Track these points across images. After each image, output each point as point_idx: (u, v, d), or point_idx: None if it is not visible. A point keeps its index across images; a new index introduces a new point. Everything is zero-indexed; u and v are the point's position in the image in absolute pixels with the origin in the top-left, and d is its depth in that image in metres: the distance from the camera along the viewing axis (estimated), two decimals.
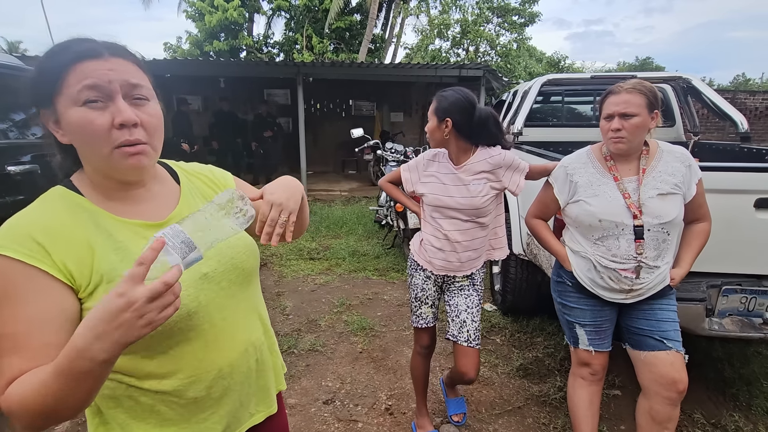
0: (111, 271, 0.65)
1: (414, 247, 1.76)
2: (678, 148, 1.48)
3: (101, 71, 0.63)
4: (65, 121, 0.65)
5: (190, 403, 0.74)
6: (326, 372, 2.41)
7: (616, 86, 1.42)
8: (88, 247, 0.65)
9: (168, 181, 0.81)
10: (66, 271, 0.63)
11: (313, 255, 4.44)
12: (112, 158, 0.65)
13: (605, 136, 1.44)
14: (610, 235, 1.43)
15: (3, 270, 0.60)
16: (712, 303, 1.85)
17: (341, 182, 8.81)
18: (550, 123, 4.48)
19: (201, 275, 0.73)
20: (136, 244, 0.68)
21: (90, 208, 0.69)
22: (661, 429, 1.48)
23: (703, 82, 3.56)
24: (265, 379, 0.88)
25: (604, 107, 1.43)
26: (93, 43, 0.65)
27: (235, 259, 0.79)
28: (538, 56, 17.46)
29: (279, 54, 14.53)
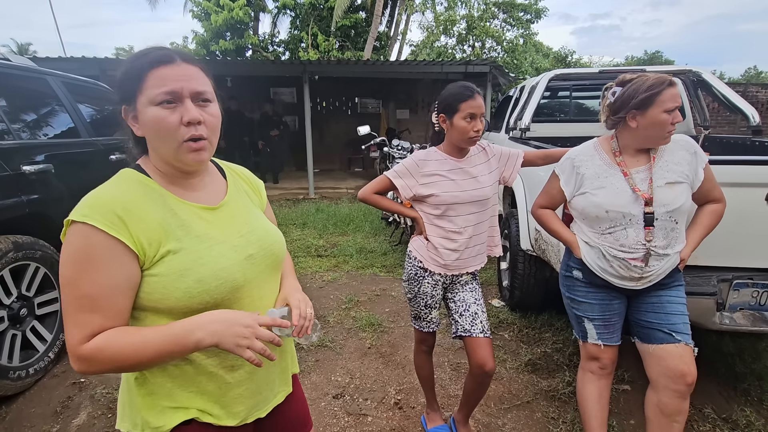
0: (176, 244, 0.77)
1: (420, 254, 1.64)
2: (682, 136, 1.48)
3: (175, 77, 0.75)
4: (142, 117, 0.76)
5: (229, 373, 0.84)
6: (335, 367, 2.43)
7: (670, 78, 1.37)
8: (158, 223, 0.76)
9: (216, 174, 0.93)
10: (139, 243, 0.73)
11: (320, 252, 4.46)
12: (179, 150, 0.77)
13: (664, 129, 1.37)
14: (617, 225, 1.43)
15: (89, 237, 0.70)
16: (723, 297, 1.84)
17: (348, 180, 8.84)
18: (557, 118, 4.45)
19: (247, 255, 0.85)
20: (196, 223, 0.81)
21: (158, 189, 0.80)
22: (670, 422, 1.47)
23: (713, 75, 3.52)
24: (285, 361, 0.99)
25: (663, 99, 1.35)
26: (167, 50, 0.77)
27: (273, 246, 0.91)
28: (544, 51, 17.30)
29: (285, 53, 14.55)
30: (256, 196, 1.00)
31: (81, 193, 0.77)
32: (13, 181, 2.23)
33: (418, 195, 1.60)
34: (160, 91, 0.74)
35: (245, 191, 0.97)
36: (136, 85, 0.75)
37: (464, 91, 1.50)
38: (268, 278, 0.90)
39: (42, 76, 2.85)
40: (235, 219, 0.88)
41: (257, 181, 1.04)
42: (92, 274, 0.70)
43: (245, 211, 0.92)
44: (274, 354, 0.81)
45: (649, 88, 1.36)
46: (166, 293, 0.75)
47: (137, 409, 0.82)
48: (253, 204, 0.96)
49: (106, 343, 0.70)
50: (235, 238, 0.84)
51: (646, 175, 1.42)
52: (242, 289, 0.82)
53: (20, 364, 2.17)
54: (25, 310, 2.28)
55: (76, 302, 0.71)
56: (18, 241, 2.20)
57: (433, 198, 1.57)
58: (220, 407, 0.84)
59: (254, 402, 0.89)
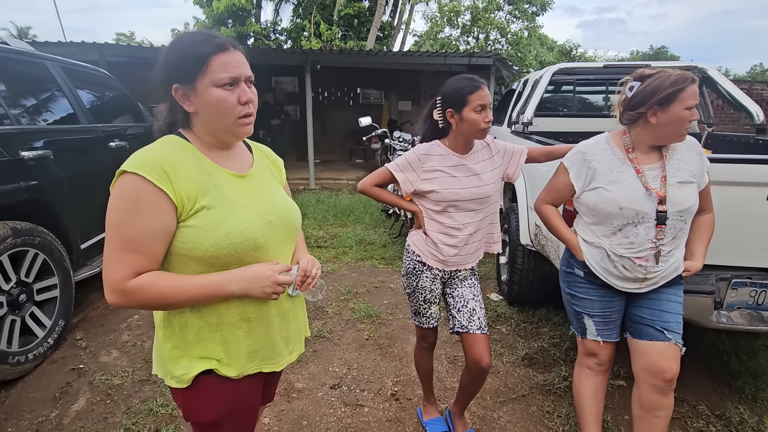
0: (210, 201, 0.88)
1: (418, 248, 1.64)
2: (690, 138, 1.46)
3: (234, 64, 0.87)
4: (204, 97, 0.86)
5: (246, 323, 0.96)
6: (333, 358, 2.44)
7: (692, 75, 1.35)
8: (196, 181, 0.87)
9: (244, 149, 1.05)
10: (179, 196, 0.84)
11: (320, 243, 4.47)
12: (234, 125, 0.90)
13: (683, 126, 1.35)
14: (629, 223, 1.41)
15: (139, 185, 0.81)
16: (721, 296, 1.84)
17: (348, 171, 8.81)
18: (560, 113, 4.42)
19: (267, 221, 0.96)
20: (227, 187, 0.92)
21: (197, 153, 0.92)
22: (652, 417, 1.48)
23: (718, 71, 3.49)
24: (298, 323, 1.12)
25: (686, 96, 1.32)
26: (223, 38, 0.88)
27: (290, 217, 1.04)
28: (549, 45, 17.15)
29: (287, 41, 14.41)
30: (277, 171, 1.12)
31: (81, 180, 0.81)
32: (12, 167, 2.22)
33: (418, 190, 1.58)
34: (224, 76, 0.85)
35: (268, 167, 1.09)
36: (199, 68, 0.84)
37: (471, 82, 1.47)
38: (284, 244, 1.02)
39: (41, 60, 2.82)
40: (259, 188, 0.99)
41: (277, 159, 1.16)
42: (139, 219, 0.81)
43: (268, 183, 1.03)
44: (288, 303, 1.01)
45: (674, 84, 1.33)
46: (198, 243, 0.86)
47: (165, 360, 0.95)
48: (274, 178, 1.08)
49: (149, 283, 0.83)
50: (259, 205, 0.96)
51: (658, 173, 1.40)
52: (262, 249, 0.94)
53: (19, 350, 2.18)
54: (24, 296, 2.28)
55: (122, 242, 0.82)
56: (17, 227, 2.19)
57: (433, 194, 1.55)
58: (237, 355, 0.95)
59: (267, 353, 1.01)
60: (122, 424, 1.89)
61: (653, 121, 1.37)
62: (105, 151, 3.06)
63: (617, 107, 1.48)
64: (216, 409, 0.95)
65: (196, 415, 0.97)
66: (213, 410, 0.95)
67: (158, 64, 0.88)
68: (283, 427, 1.92)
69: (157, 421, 1.91)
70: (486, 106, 1.46)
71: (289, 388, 2.16)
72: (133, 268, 0.82)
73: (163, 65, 0.88)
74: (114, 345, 2.53)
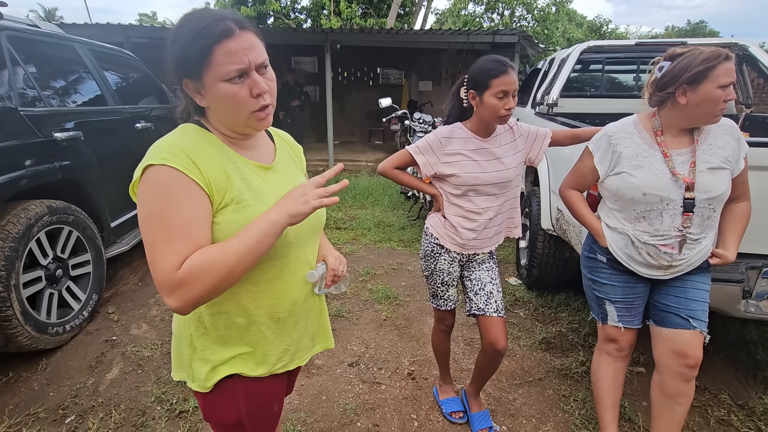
0: (239, 195, 0.82)
1: (437, 231, 1.64)
2: (727, 120, 1.39)
3: (240, 53, 0.76)
4: (212, 92, 0.79)
5: (276, 324, 0.92)
6: (351, 337, 2.50)
7: (726, 52, 1.27)
8: (224, 173, 0.81)
9: (265, 137, 0.98)
10: (209, 186, 0.78)
11: (339, 225, 4.51)
12: (249, 119, 0.82)
13: (716, 106, 1.28)
14: (653, 209, 1.37)
15: (169, 176, 0.75)
16: (750, 285, 1.78)
17: (367, 152, 8.78)
18: (588, 93, 4.27)
19: None
20: (254, 179, 0.86)
21: (220, 143, 0.85)
22: (673, 404, 1.47)
23: (760, 48, 3.28)
24: (324, 318, 1.10)
25: (718, 74, 1.26)
26: (226, 22, 0.76)
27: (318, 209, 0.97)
28: (578, 21, 16.43)
29: (306, 20, 14.26)
30: (299, 159, 1.07)
31: (110, 160, 0.81)
32: (46, 147, 2.31)
33: (439, 173, 1.57)
34: (230, 69, 0.76)
35: (290, 155, 1.03)
36: (203, 63, 0.76)
37: (498, 66, 1.42)
38: (312, 238, 0.97)
39: (70, 43, 2.89)
40: (286, 179, 0.93)
41: (298, 146, 1.09)
42: (179, 206, 0.74)
43: (293, 174, 0.98)
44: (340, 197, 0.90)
45: (704, 61, 1.26)
46: None
47: (187, 363, 0.91)
48: (297, 167, 1.03)
49: (196, 260, 0.73)
50: None
51: (688, 158, 1.35)
52: (291, 246, 0.89)
53: (57, 321, 2.32)
54: (61, 271, 2.41)
55: (165, 233, 0.74)
56: (52, 205, 2.30)
57: (454, 178, 1.54)
58: (265, 356, 0.92)
59: (296, 349, 0.98)
60: (153, 392, 2.00)
61: (683, 101, 1.31)
62: (131, 132, 3.15)
63: (647, 88, 1.42)
64: (239, 411, 0.91)
65: (217, 417, 0.93)
66: (236, 412, 0.91)
67: (166, 55, 0.80)
68: (303, 401, 1.99)
69: (185, 391, 2.01)
70: (509, 93, 1.42)
71: (309, 365, 2.23)
72: (180, 256, 0.73)
73: (170, 59, 0.80)
74: (143, 319, 2.66)
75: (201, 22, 0.76)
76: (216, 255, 0.74)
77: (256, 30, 0.82)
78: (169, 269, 0.73)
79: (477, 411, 1.85)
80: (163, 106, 3.77)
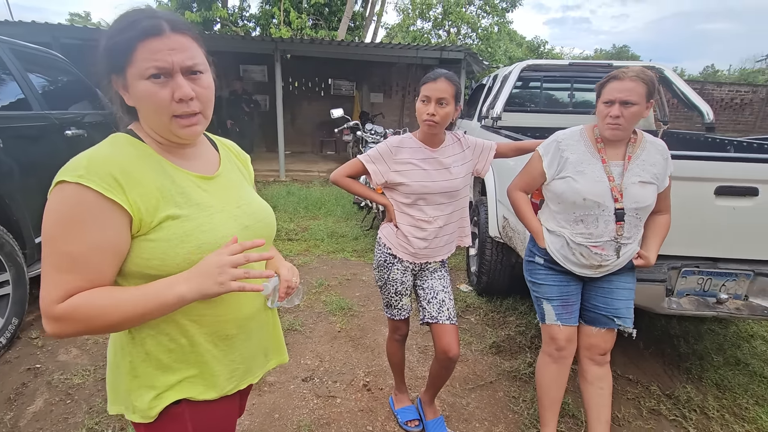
0: (176, 211, 0.76)
1: (389, 241, 1.65)
2: (659, 141, 1.55)
3: (164, 52, 0.72)
4: (133, 90, 0.74)
5: (224, 341, 0.86)
6: (305, 350, 2.44)
7: (620, 72, 1.42)
8: (156, 188, 0.75)
9: (208, 145, 0.93)
10: (135, 207, 0.72)
11: (291, 236, 4.42)
12: (171, 125, 0.76)
13: (602, 120, 1.46)
14: (590, 214, 1.49)
15: (79, 198, 0.68)
16: (672, 284, 1.97)
17: (319, 163, 8.71)
18: (528, 108, 4.54)
19: (244, 226, 0.86)
20: (195, 191, 0.81)
21: (153, 154, 0.79)
22: (596, 389, 1.64)
23: (674, 72, 3.68)
24: (277, 332, 1.04)
25: (606, 92, 1.44)
26: (156, 19, 0.73)
27: (266, 219, 0.94)
28: (518, 41, 17.50)
29: (255, 28, 13.99)
30: (246, 169, 1.01)
31: (34, 170, 0.74)
32: None
33: (389, 182, 1.59)
34: (149, 66, 0.71)
35: (236, 164, 0.97)
36: (125, 57, 0.72)
37: (431, 74, 1.50)
38: (261, 250, 0.91)
39: None
40: (231, 190, 0.89)
41: (245, 155, 1.04)
42: (76, 233, 0.68)
43: (238, 184, 0.92)
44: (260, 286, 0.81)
45: (603, 80, 1.46)
46: (166, 259, 0.74)
47: (125, 393, 0.83)
48: (243, 177, 0.97)
49: (82, 302, 0.68)
50: (233, 209, 0.86)
51: (620, 170, 1.49)
52: None
53: None
54: None
55: (56, 260, 0.68)
56: None
57: (404, 187, 1.57)
58: (215, 377, 0.85)
59: (246, 368, 0.93)
60: (84, 424, 1.83)
61: (596, 111, 1.50)
62: (60, 140, 2.90)
63: None
64: None
65: None
66: None
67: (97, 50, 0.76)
68: (255, 421, 1.91)
69: (123, 420, 1.85)
70: (431, 99, 1.46)
71: (260, 382, 2.15)
72: (64, 290, 0.68)
73: (99, 53, 0.76)
74: (73, 342, 2.42)
75: (132, 18, 0.73)
76: (104, 306, 0.69)
77: (196, 36, 0.78)
78: (51, 300, 0.68)
79: (432, 418, 1.87)
80: (98, 112, 3.52)
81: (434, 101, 1.47)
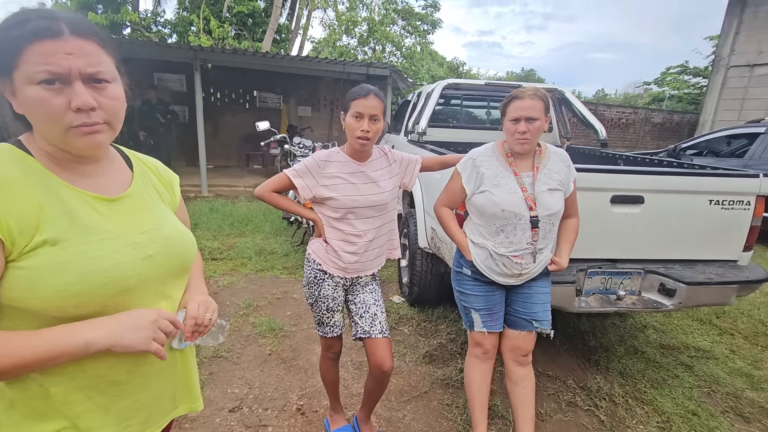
0: (58, 234, 0.66)
1: (319, 257, 1.63)
2: (561, 151, 1.71)
3: (60, 56, 0.64)
4: (20, 96, 0.66)
5: (114, 387, 0.75)
6: (232, 378, 2.28)
7: (519, 92, 1.56)
8: (36, 207, 0.66)
9: (120, 162, 0.83)
10: (6, 227, 0.63)
11: (215, 255, 4.15)
12: (67, 136, 0.67)
13: (512, 137, 1.58)
14: (509, 224, 1.60)
15: None
16: (581, 284, 2.17)
17: (246, 177, 8.35)
18: (450, 124, 4.80)
19: (147, 255, 0.75)
20: (87, 213, 0.71)
21: (41, 170, 0.69)
22: (520, 388, 1.74)
23: (573, 94, 4.14)
24: (189, 375, 0.91)
25: (510, 111, 1.57)
26: (52, 21, 0.64)
27: (180, 248, 0.83)
28: (439, 60, 18.52)
29: (172, 35, 13.18)
30: (168, 191, 0.91)
31: None
32: None
33: (318, 196, 1.57)
34: (39, 70, 0.63)
35: (154, 185, 0.87)
36: (10, 59, 0.63)
37: (359, 90, 1.50)
38: (169, 283, 0.82)
39: None
40: (139, 214, 0.79)
41: (170, 176, 0.94)
42: None
43: (151, 207, 0.83)
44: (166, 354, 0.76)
45: (505, 100, 1.59)
46: (32, 291, 0.64)
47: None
48: (161, 200, 0.88)
49: None
50: (136, 235, 0.76)
51: (531, 180, 1.61)
52: (133, 293, 0.73)
53: None
54: None
55: None
56: None
57: (332, 201, 1.55)
58: (98, 429, 0.74)
59: (148, 415, 0.81)
60: None
61: (503, 129, 1.62)
62: None
63: None
64: None
65: None
66: None
67: None
68: None
69: None
70: (363, 115, 1.48)
71: (180, 419, 1.96)
72: None
73: None
74: None
75: (22, 17, 0.65)
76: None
77: (103, 42, 0.70)
78: None
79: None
80: None
81: (367, 117, 1.49)
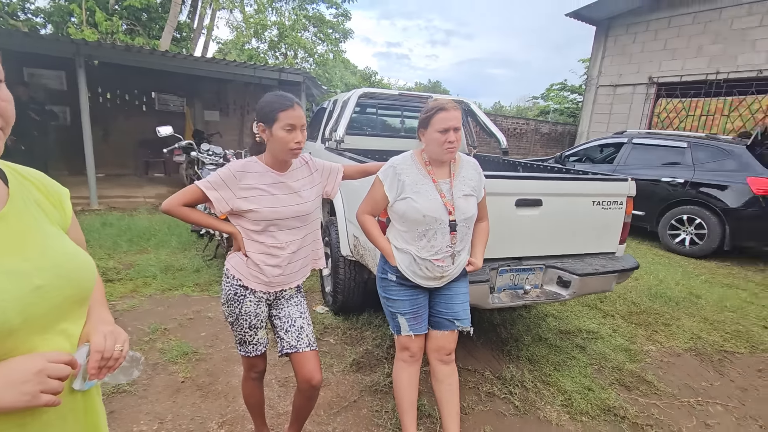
0: None
1: (239, 272, 1.54)
2: (472, 159, 1.84)
3: None
4: None
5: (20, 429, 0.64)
6: (138, 415, 2.03)
7: (443, 103, 1.64)
8: None
9: None
10: None
11: (110, 276, 3.67)
12: None
13: (440, 147, 1.63)
14: (430, 229, 1.67)
15: None
16: (493, 282, 2.35)
17: (145, 187, 7.56)
18: (367, 132, 4.88)
19: (35, 287, 0.65)
20: None
21: None
22: (445, 386, 1.82)
23: (476, 105, 4.49)
24: (93, 417, 0.80)
25: (436, 122, 1.62)
26: None
27: (76, 274, 0.73)
28: (352, 69, 18.78)
29: (46, 25, 11.46)
30: (56, 209, 0.80)
31: None
32: None
33: (235, 209, 1.48)
34: None
35: (37, 202, 0.76)
36: None
37: (284, 100, 1.45)
38: (65, 317, 0.71)
39: None
40: (19, 238, 0.67)
41: (59, 190, 0.82)
42: None
43: (35, 228, 0.71)
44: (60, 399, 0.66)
45: (428, 111, 1.67)
46: None
47: None
48: (48, 219, 0.76)
49: None
50: (17, 263, 0.64)
51: (448, 187, 1.70)
52: (17, 336, 0.62)
53: None
54: None
55: None
56: None
57: (252, 214, 1.48)
58: None
59: None
60: None
61: (423, 140, 1.71)
62: None
63: None
64: None
65: None
66: None
67: None
68: None
69: None
70: (296, 127, 1.45)
71: None
72: None
73: None
74: None
75: None
76: None
77: None
78: None
79: None
80: None
81: (299, 128, 1.45)
